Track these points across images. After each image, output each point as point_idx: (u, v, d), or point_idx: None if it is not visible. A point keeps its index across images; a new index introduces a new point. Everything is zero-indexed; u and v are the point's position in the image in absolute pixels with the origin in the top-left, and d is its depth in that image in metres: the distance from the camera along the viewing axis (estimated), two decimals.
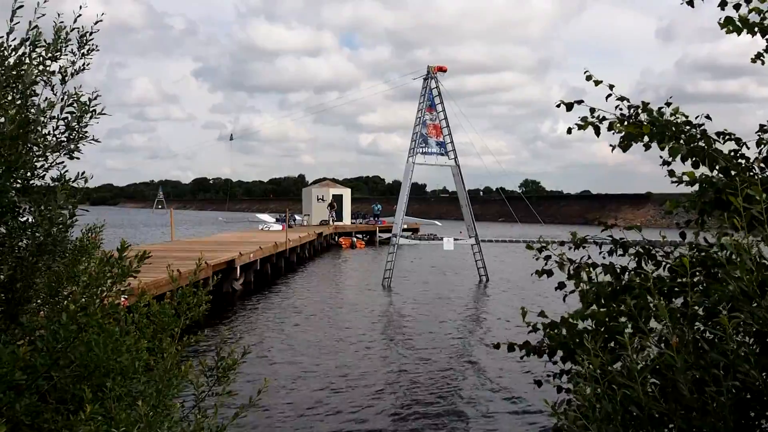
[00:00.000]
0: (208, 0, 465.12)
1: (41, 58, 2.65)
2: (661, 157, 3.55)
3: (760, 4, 3.51)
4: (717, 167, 3.35)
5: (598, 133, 3.80)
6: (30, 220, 2.55)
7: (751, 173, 3.28)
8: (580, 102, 3.91)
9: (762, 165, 3.38)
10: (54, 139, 2.67)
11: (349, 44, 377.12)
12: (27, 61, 2.62)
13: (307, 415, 8.87)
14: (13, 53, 2.58)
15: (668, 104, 3.62)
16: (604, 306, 3.37)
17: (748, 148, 3.52)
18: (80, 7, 2.72)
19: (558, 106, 3.98)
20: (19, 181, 2.59)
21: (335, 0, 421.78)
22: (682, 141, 3.46)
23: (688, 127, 3.52)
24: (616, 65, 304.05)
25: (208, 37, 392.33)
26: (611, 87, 3.81)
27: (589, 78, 3.90)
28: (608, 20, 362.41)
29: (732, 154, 3.49)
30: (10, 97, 2.56)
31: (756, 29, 3.53)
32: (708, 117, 3.60)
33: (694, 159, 3.42)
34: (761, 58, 3.63)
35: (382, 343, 13.62)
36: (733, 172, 3.27)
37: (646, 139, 3.57)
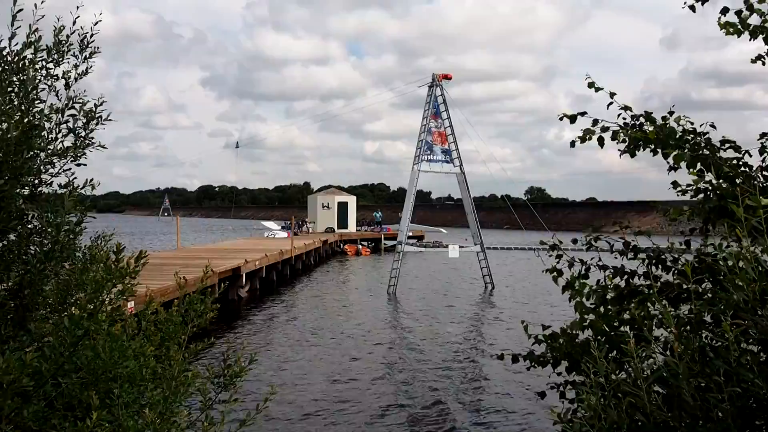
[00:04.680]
0: (216, 10, 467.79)
1: (44, 62, 2.66)
2: (668, 163, 3.55)
3: (760, 4, 3.51)
4: (722, 175, 3.34)
5: (602, 144, 3.79)
6: (38, 226, 2.56)
7: (755, 181, 3.28)
8: (583, 114, 3.91)
9: (765, 173, 3.38)
10: (61, 145, 2.68)
11: (355, 53, 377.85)
12: (29, 64, 2.62)
13: (312, 422, 8.88)
14: (16, 57, 2.58)
15: (671, 113, 3.62)
16: (609, 311, 3.37)
17: (750, 156, 3.51)
18: (77, 8, 2.71)
19: (561, 119, 3.97)
20: (27, 187, 2.61)
21: (341, 9, 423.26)
22: (686, 149, 3.46)
23: (692, 136, 3.52)
24: (621, 73, 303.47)
25: (215, 46, 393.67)
26: (612, 95, 3.80)
27: (591, 85, 3.90)
28: (613, 28, 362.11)
29: (736, 162, 3.49)
30: (16, 102, 2.57)
31: (757, 32, 3.53)
32: (713, 125, 3.59)
33: (699, 167, 3.42)
34: (762, 59, 3.62)
35: (387, 351, 13.60)
36: (738, 180, 3.27)
37: (651, 145, 3.57)
